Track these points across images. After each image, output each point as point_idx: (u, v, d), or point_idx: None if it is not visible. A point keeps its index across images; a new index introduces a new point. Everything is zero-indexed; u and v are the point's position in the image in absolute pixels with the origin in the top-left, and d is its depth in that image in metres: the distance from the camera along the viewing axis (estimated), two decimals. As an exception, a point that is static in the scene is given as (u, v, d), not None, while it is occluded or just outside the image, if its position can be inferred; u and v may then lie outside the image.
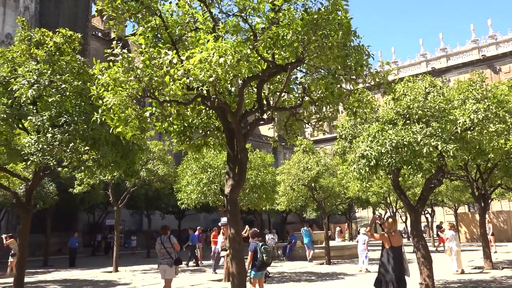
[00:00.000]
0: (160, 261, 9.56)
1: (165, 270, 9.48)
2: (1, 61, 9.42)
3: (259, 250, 9.24)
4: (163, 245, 9.48)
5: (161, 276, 9.83)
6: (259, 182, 15.10)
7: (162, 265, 9.48)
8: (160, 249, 9.51)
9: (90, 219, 35.06)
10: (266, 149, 45.25)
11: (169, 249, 9.43)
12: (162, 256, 9.48)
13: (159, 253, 9.57)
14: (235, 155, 6.57)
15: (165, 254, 9.43)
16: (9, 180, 12.43)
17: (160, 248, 9.50)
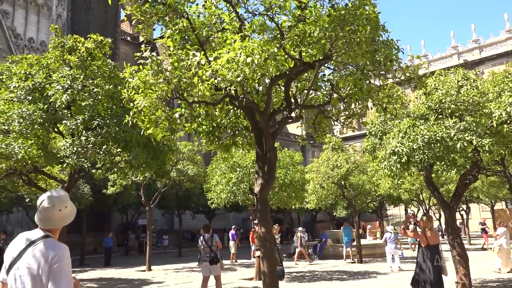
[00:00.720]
0: (204, 258, 9.81)
1: (209, 268, 9.71)
2: (37, 68, 9.78)
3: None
4: (206, 243, 9.72)
5: (203, 273, 10.00)
6: (288, 180, 15.08)
7: (206, 263, 9.74)
8: (203, 247, 9.75)
9: (123, 219, 35.89)
10: (294, 148, 45.09)
11: (212, 247, 9.69)
12: (206, 254, 9.73)
13: (202, 251, 9.83)
14: (264, 154, 6.58)
15: (208, 252, 9.69)
16: (46, 182, 12.88)
17: (204, 247, 9.74)
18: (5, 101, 9.56)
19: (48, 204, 2.54)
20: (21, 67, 9.84)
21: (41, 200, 2.57)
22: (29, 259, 2.43)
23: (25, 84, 9.40)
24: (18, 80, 9.55)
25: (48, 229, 2.56)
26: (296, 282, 13.79)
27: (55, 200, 2.56)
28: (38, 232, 2.56)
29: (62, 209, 2.58)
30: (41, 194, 2.72)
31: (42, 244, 2.47)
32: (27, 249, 2.47)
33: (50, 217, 2.55)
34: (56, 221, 2.58)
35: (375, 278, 14.32)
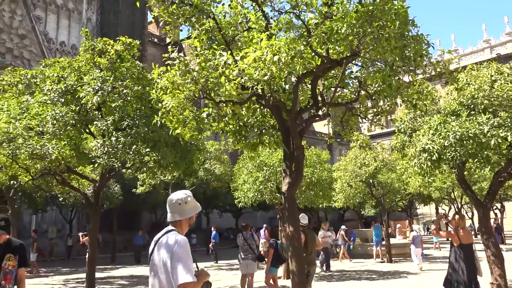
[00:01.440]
0: (243, 256, 10.05)
1: (247, 265, 10.00)
2: (69, 71, 10.06)
3: (278, 247, 9.56)
4: (246, 241, 10.01)
5: (241, 270, 10.29)
6: (315, 179, 14.98)
7: (245, 260, 10.01)
8: (243, 245, 10.02)
9: (153, 218, 36.53)
10: (321, 146, 44.72)
11: (252, 245, 9.98)
12: (246, 252, 10.01)
13: (241, 249, 10.08)
14: (291, 152, 6.56)
15: (248, 250, 9.99)
16: (79, 182, 13.25)
17: (243, 244, 10.01)
18: (39, 104, 9.88)
19: (178, 200, 3.03)
20: (54, 70, 10.15)
21: (171, 199, 3.06)
22: (158, 249, 2.91)
23: (58, 86, 9.69)
24: (51, 83, 9.86)
25: (175, 223, 3.04)
26: (325, 281, 13.70)
27: (180, 197, 3.05)
28: (168, 227, 3.05)
29: (187, 202, 3.05)
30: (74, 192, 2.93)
31: (168, 236, 2.93)
32: (158, 241, 2.96)
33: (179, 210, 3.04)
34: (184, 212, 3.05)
35: (406, 278, 14.05)
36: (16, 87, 10.85)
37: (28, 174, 11.13)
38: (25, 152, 9.31)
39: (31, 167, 10.42)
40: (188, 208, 3.06)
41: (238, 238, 10.29)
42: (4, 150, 9.57)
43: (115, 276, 17.70)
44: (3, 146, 9.51)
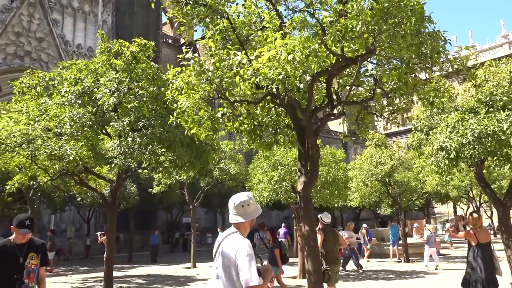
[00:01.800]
0: (259, 255, 10.09)
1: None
2: (86, 73, 10.20)
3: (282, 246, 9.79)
4: (262, 240, 10.13)
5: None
6: (331, 178, 14.90)
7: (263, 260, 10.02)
8: (259, 244, 10.15)
9: (168, 218, 36.82)
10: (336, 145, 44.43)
11: (267, 244, 10.08)
12: (262, 251, 10.12)
13: (258, 248, 10.19)
14: (307, 151, 6.53)
15: (264, 249, 10.11)
16: (96, 182, 13.41)
17: (259, 243, 10.14)
18: (57, 105, 10.04)
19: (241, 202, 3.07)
20: (71, 73, 10.30)
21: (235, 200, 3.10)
22: (222, 251, 2.98)
23: (75, 88, 9.83)
24: (68, 85, 10.01)
25: (237, 225, 3.08)
26: (341, 281, 13.61)
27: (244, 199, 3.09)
28: (230, 229, 3.11)
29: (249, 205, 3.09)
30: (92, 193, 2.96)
31: (231, 238, 2.99)
32: (221, 243, 3.03)
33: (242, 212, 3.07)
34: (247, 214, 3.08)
35: (423, 277, 13.87)
36: (34, 89, 11.04)
37: (47, 174, 11.32)
38: (44, 153, 9.46)
39: (50, 168, 10.58)
40: (250, 210, 3.10)
41: (255, 237, 10.35)
42: (24, 151, 9.75)
43: (132, 275, 17.90)
44: (23, 147, 9.69)
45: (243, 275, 2.77)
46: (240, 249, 2.86)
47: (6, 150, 9.78)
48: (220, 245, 3.02)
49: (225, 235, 3.07)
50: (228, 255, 2.89)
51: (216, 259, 3.02)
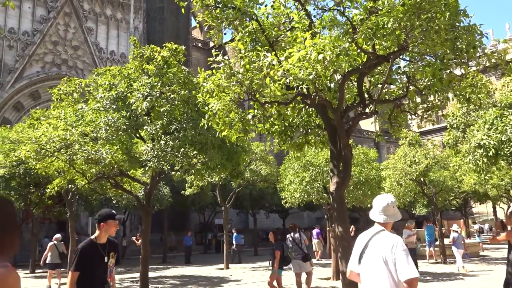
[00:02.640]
0: (293, 256, 10.17)
1: (300, 265, 10.15)
2: (119, 78, 10.49)
3: (285, 248, 9.66)
4: (294, 241, 10.14)
5: (294, 270, 10.42)
6: (363, 178, 14.68)
7: (296, 260, 10.15)
8: (292, 245, 10.18)
9: (201, 219, 37.25)
10: (368, 144, 43.71)
11: (300, 245, 10.12)
12: (295, 252, 10.13)
13: (291, 249, 10.19)
14: (339, 151, 6.46)
15: (297, 249, 10.11)
16: (131, 185, 13.75)
17: (292, 245, 10.16)
18: (93, 111, 10.36)
19: (391, 203, 3.25)
20: (105, 79, 10.61)
21: (385, 201, 3.27)
22: (374, 248, 3.13)
23: (110, 94, 10.12)
24: (103, 90, 10.31)
25: (384, 225, 3.24)
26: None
27: (393, 200, 3.29)
28: (376, 227, 3.26)
29: (395, 207, 3.30)
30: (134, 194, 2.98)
31: (382, 235, 3.15)
32: (370, 240, 3.18)
33: (391, 213, 3.25)
34: (393, 216, 3.28)
35: (462, 279, 13.43)
36: (71, 96, 11.44)
37: (84, 178, 11.69)
38: (81, 157, 9.79)
39: (87, 172, 10.92)
40: (396, 212, 3.29)
41: (287, 238, 10.40)
42: (62, 156, 10.11)
43: (166, 275, 18.21)
44: (61, 152, 10.05)
45: (402, 268, 2.90)
46: (396, 244, 3.01)
47: (46, 155, 10.17)
48: (369, 242, 3.18)
49: (372, 232, 3.22)
50: (384, 251, 3.03)
51: (366, 256, 3.16)
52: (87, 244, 4.20)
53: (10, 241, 1.80)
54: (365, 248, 3.19)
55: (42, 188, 17.33)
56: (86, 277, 4.02)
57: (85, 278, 4.02)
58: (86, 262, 4.05)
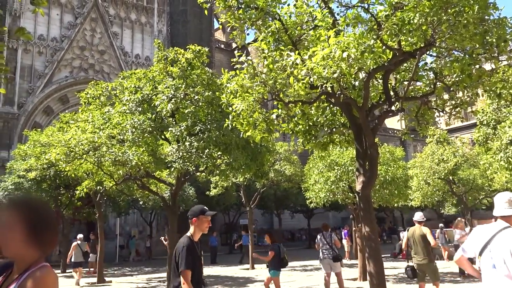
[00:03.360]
0: (325, 255, 10.24)
1: (330, 264, 10.21)
2: (144, 81, 10.66)
3: (281, 250, 9.55)
4: (325, 240, 10.21)
5: (325, 269, 10.45)
6: (390, 177, 14.43)
7: (327, 259, 10.21)
8: (322, 244, 10.25)
9: (226, 219, 37.46)
10: (394, 143, 43.01)
11: (332, 245, 10.19)
12: (326, 251, 10.20)
13: (322, 248, 10.30)
14: (364, 150, 6.37)
15: (328, 249, 10.18)
16: (157, 186, 13.95)
17: (323, 244, 10.23)
18: (119, 113, 10.57)
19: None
20: (131, 82, 10.81)
21: (507, 196, 3.37)
22: (501, 243, 3.16)
23: (135, 96, 10.30)
24: (129, 93, 10.51)
25: (507, 218, 3.29)
26: (404, 284, 13.13)
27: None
28: (500, 223, 3.29)
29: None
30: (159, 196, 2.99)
31: (509, 231, 3.19)
32: (497, 235, 3.22)
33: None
34: None
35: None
36: (98, 99, 11.70)
37: (112, 179, 11.93)
38: (108, 159, 10.00)
39: (115, 173, 11.15)
40: None
41: (318, 238, 10.46)
42: (91, 158, 10.35)
43: (193, 275, 18.35)
44: (90, 155, 10.30)
45: None
46: None
47: (75, 157, 10.44)
48: (495, 236, 3.21)
49: (498, 227, 3.24)
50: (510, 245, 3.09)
51: (490, 250, 3.21)
52: (188, 241, 4.10)
53: (50, 241, 1.88)
54: (489, 242, 3.22)
55: (71, 189, 17.79)
56: (192, 275, 3.93)
57: (192, 276, 3.92)
58: (192, 259, 3.96)
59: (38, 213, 1.85)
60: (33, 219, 1.81)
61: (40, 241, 1.82)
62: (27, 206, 1.86)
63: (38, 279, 1.75)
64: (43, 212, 1.87)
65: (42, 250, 1.85)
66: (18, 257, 1.82)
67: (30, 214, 1.82)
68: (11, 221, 1.78)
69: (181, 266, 3.86)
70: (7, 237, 1.78)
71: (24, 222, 1.79)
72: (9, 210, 1.83)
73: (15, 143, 26.24)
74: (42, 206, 1.92)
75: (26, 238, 1.78)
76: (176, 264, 3.97)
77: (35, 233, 1.80)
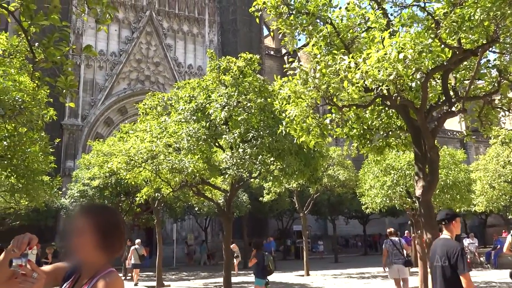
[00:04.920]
0: (394, 261, 10.23)
1: (399, 270, 10.19)
2: (198, 90, 10.96)
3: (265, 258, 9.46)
4: (395, 246, 10.26)
5: (392, 275, 10.50)
6: (451, 181, 13.78)
7: (396, 265, 10.19)
8: (392, 250, 10.27)
9: (279, 225, 37.38)
10: (453, 145, 41.05)
11: (401, 250, 10.23)
12: (396, 257, 10.22)
13: (391, 254, 10.30)
14: (424, 154, 6.13)
15: (398, 254, 10.21)
16: (211, 192, 14.24)
17: (392, 250, 10.26)
18: (175, 123, 10.92)
19: None
20: (186, 91, 11.15)
21: None
22: None
23: (190, 105, 10.61)
24: (184, 103, 10.84)
25: None
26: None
27: None
28: None
29: None
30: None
31: None
32: None
33: None
34: None
35: None
36: (155, 109, 12.18)
37: (169, 186, 12.33)
38: (166, 167, 10.37)
39: (172, 180, 11.51)
40: None
41: (386, 243, 10.47)
42: (149, 166, 10.78)
43: (248, 281, 18.49)
44: (148, 163, 10.73)
45: None
46: None
47: (135, 165, 10.91)
48: None
49: None
50: None
51: None
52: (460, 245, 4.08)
53: (118, 246, 1.95)
54: None
55: (131, 196, 18.59)
56: None
57: None
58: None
59: (108, 220, 1.92)
60: (104, 225, 1.88)
61: (109, 246, 1.89)
62: (98, 212, 1.94)
63: (109, 284, 1.81)
64: (112, 218, 1.94)
65: (110, 255, 1.92)
66: (88, 262, 1.88)
67: (101, 221, 1.89)
68: (84, 228, 1.85)
69: (464, 269, 3.82)
70: (79, 243, 1.85)
71: (95, 228, 1.85)
72: (81, 217, 1.90)
73: (79, 153, 27.87)
74: (112, 213, 1.99)
75: (97, 243, 1.85)
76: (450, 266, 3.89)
77: (105, 239, 1.87)
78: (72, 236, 1.87)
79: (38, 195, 11.97)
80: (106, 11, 3.45)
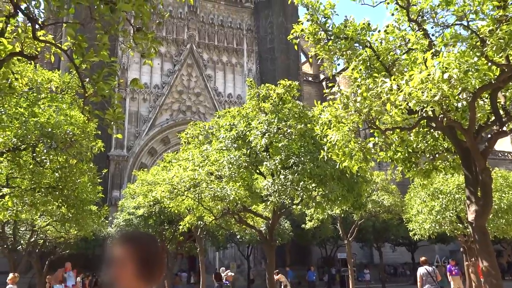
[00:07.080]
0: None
1: None
2: (238, 118, 11.10)
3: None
4: (429, 274, 10.82)
5: None
6: (505, 205, 12.99)
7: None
8: (426, 278, 10.83)
9: (322, 253, 36.44)
10: (505, 166, 38.93)
11: (434, 277, 10.83)
12: (430, 284, 10.75)
13: (425, 281, 10.83)
14: (474, 176, 5.84)
15: (431, 282, 10.77)
16: (253, 220, 14.15)
17: (427, 277, 10.82)
18: (216, 151, 11.07)
19: None
20: (226, 120, 11.33)
21: None
22: None
23: (230, 133, 10.75)
24: (224, 131, 11.00)
25: None
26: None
27: None
28: None
29: None
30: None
31: None
32: None
33: None
34: None
35: None
36: (197, 138, 12.43)
37: (211, 214, 12.40)
38: (208, 195, 10.46)
39: (214, 208, 11.59)
40: None
41: (420, 271, 10.94)
42: (192, 194, 10.92)
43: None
44: (190, 191, 10.87)
45: None
46: None
47: (178, 194, 11.10)
48: None
49: None
50: None
51: None
52: None
53: (157, 275, 1.93)
54: None
55: (174, 225, 18.80)
56: None
57: None
58: None
59: (148, 248, 1.91)
60: (144, 254, 1.88)
61: (149, 275, 1.88)
62: (138, 241, 1.93)
63: None
64: (152, 247, 1.93)
65: (150, 284, 1.90)
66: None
67: (141, 250, 1.88)
68: (124, 256, 1.86)
69: None
70: (120, 272, 1.85)
71: (135, 257, 1.85)
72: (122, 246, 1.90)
73: (125, 183, 28.73)
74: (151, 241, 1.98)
75: (137, 272, 1.85)
76: None
77: (145, 268, 1.86)
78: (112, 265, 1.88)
79: (87, 224, 12.36)
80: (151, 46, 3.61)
